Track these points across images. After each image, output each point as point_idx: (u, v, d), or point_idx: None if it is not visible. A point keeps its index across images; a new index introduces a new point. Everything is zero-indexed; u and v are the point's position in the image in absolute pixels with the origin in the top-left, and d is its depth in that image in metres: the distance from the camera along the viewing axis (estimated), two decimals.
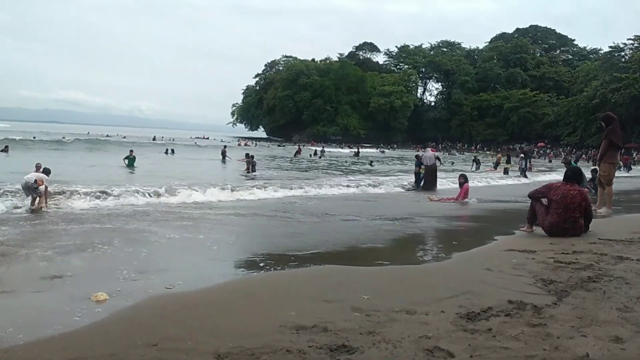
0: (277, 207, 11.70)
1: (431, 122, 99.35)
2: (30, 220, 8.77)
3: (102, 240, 7.36)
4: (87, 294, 4.50)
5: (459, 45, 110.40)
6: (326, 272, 5.61)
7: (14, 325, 3.77)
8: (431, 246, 8.10)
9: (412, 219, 11.39)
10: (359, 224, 9.46)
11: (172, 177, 18.46)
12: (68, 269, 5.74)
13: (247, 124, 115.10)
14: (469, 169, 30.33)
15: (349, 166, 32.50)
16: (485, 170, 32.04)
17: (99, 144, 45.70)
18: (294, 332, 3.49)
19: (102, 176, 17.63)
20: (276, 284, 5.05)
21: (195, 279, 5.28)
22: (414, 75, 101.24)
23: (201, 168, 25.51)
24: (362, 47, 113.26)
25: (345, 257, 6.69)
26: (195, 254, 6.84)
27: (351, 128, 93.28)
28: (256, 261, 6.26)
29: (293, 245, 7.23)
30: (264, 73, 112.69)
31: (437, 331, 3.48)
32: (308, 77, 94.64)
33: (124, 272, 5.41)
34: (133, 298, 4.47)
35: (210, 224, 9.66)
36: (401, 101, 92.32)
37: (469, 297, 4.36)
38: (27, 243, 7.03)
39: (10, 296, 4.60)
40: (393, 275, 5.51)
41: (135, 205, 10.95)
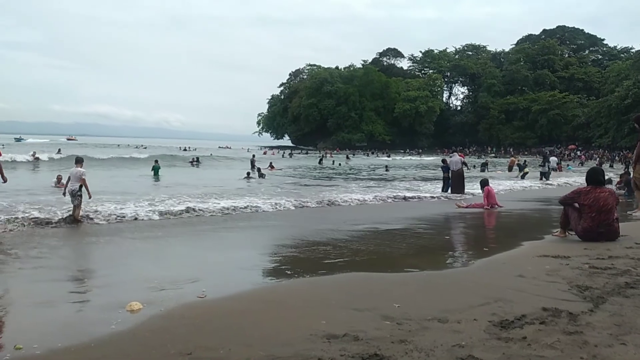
0: (301, 215, 11.74)
1: (458, 126, 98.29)
2: (66, 230, 9.01)
3: (133, 250, 7.53)
4: (122, 303, 4.59)
5: (484, 48, 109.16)
6: (355, 280, 5.60)
7: (51, 333, 3.88)
8: (459, 252, 8.00)
9: (439, 224, 11.28)
10: (383, 231, 9.41)
11: (195, 186, 18.73)
12: (102, 279, 5.88)
13: (272, 133, 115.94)
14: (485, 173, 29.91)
15: (370, 172, 32.40)
16: (497, 172, 31.53)
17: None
18: (325, 340, 3.49)
19: (132, 187, 17.99)
20: (305, 292, 5.06)
21: (225, 287, 5.33)
22: (439, 79, 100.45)
23: (224, 177, 25.73)
24: (386, 53, 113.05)
25: (372, 263, 6.66)
26: (224, 263, 6.92)
27: (376, 134, 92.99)
28: (284, 269, 6.29)
29: (320, 252, 7.24)
30: (288, 82, 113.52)
31: (470, 339, 3.43)
32: (332, 84, 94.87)
33: (156, 282, 5.50)
34: (166, 307, 4.54)
35: (237, 232, 9.76)
36: (426, 106, 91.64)
37: (501, 304, 4.29)
38: (62, 253, 7.23)
39: (46, 306, 4.74)
40: (423, 282, 5.46)
41: (164, 215, 11.12)
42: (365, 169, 35.22)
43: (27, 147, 51.47)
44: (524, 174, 28.21)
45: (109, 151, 50.76)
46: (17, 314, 4.56)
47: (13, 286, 5.50)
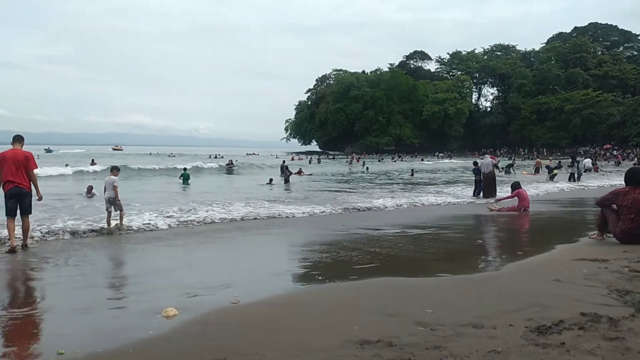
0: (329, 220, 11.75)
1: (488, 128, 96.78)
2: (102, 239, 9.25)
3: (167, 257, 7.68)
4: (157, 309, 4.69)
5: (514, 48, 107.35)
6: (386, 285, 5.57)
7: (90, 339, 3.99)
8: (492, 256, 7.87)
9: (470, 228, 11.13)
10: (413, 235, 9.33)
11: (224, 192, 18.97)
12: (138, 286, 6.01)
13: (300, 139, 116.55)
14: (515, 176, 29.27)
15: (396, 177, 32.12)
16: (523, 174, 30.81)
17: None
18: (358, 346, 3.49)
19: (164, 195, 18.34)
20: (337, 297, 5.06)
21: (258, 292, 5.38)
22: (467, 81, 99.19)
23: (251, 183, 25.90)
24: (413, 55, 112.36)
25: (403, 268, 6.61)
26: (255, 268, 6.97)
27: (404, 138, 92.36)
28: (314, 274, 6.31)
29: (350, 257, 7.24)
30: (315, 88, 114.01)
31: (507, 346, 3.38)
32: (359, 89, 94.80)
33: (190, 288, 5.59)
34: (200, 313, 4.61)
35: (266, 237, 9.84)
36: (455, 108, 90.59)
37: (538, 309, 4.20)
38: (98, 262, 7.43)
39: (85, 312, 4.87)
40: (456, 287, 5.40)
41: (196, 223, 11.29)
42: (392, 174, 34.97)
43: (59, 158, 53.07)
44: (553, 175, 27.48)
45: (151, 160, 51.98)
46: (58, 320, 4.70)
47: (53, 294, 5.68)
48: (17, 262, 7.33)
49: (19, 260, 7.46)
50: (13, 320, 4.65)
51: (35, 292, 5.93)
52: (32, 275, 6.65)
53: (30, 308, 5.04)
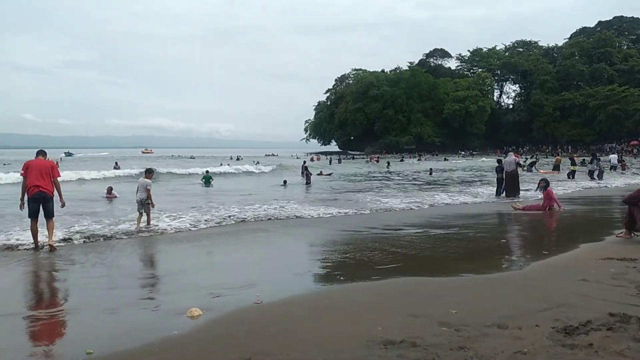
0: (349, 221, 11.73)
1: (510, 125, 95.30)
2: (127, 241, 9.40)
3: (191, 258, 7.77)
4: (182, 310, 4.75)
5: (536, 44, 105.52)
6: (409, 285, 5.54)
7: (117, 338, 4.06)
8: (516, 255, 7.75)
9: (494, 227, 11.00)
10: (435, 235, 9.26)
11: (245, 194, 19.09)
12: (163, 286, 6.10)
13: (319, 139, 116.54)
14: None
15: (417, 177, 31.83)
16: (540, 172, 30.20)
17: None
18: (382, 347, 3.48)
19: (188, 197, 18.55)
20: (360, 298, 5.06)
21: (280, 293, 5.41)
22: (488, 78, 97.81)
23: (270, 184, 25.98)
24: (433, 53, 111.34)
25: (425, 268, 6.57)
26: (277, 268, 7.02)
27: (425, 136, 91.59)
28: (336, 274, 6.31)
29: (371, 257, 7.22)
30: (334, 88, 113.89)
31: (533, 346, 3.34)
32: (378, 88, 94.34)
33: (214, 288, 5.65)
34: (224, 313, 4.66)
35: (287, 238, 9.88)
36: (477, 105, 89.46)
37: (564, 309, 4.14)
38: (124, 263, 7.55)
39: (112, 312, 4.96)
40: (479, 287, 5.34)
41: (217, 224, 11.40)
42: (412, 174, 34.68)
43: (80, 162, 53.81)
44: (571, 172, 26.92)
45: (173, 162, 52.63)
46: (85, 320, 4.80)
47: (81, 294, 5.79)
48: (45, 264, 7.51)
49: (46, 261, 7.64)
50: (43, 320, 4.77)
51: (63, 292, 6.06)
52: (59, 276, 6.79)
53: (59, 308, 5.16)
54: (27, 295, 5.92)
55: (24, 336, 4.43)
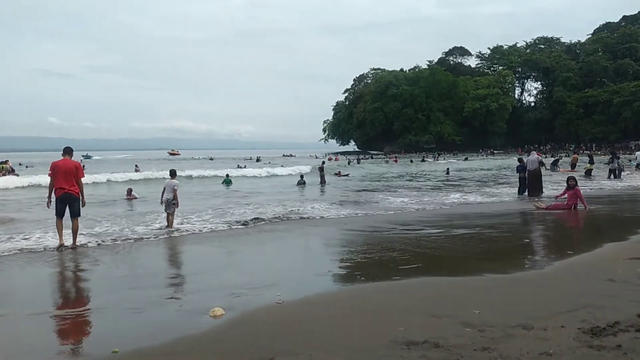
0: (367, 221, 11.69)
1: (532, 123, 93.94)
2: (151, 242, 9.53)
3: (213, 258, 7.84)
4: (205, 309, 4.80)
5: (558, 40, 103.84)
6: (430, 285, 5.51)
7: (142, 337, 4.12)
8: (540, 255, 7.62)
9: (516, 227, 10.85)
10: (456, 235, 9.17)
11: (265, 195, 19.17)
12: (186, 286, 6.17)
13: (338, 139, 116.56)
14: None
15: (435, 177, 31.50)
16: (560, 171, 29.58)
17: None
18: (404, 347, 3.46)
19: (211, 199, 18.71)
20: (381, 298, 5.04)
21: (302, 293, 5.42)
22: (509, 76, 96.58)
23: (289, 184, 26.01)
24: (452, 52, 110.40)
25: (447, 269, 6.52)
26: (298, 268, 7.03)
27: (445, 135, 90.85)
28: (357, 274, 6.30)
29: (392, 257, 7.19)
30: (352, 88, 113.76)
31: (559, 347, 3.28)
32: (397, 87, 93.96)
33: (236, 288, 5.69)
34: (247, 313, 4.69)
35: (306, 238, 9.90)
36: (497, 104, 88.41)
37: (591, 310, 4.06)
38: (148, 263, 7.66)
39: (137, 311, 5.03)
40: (503, 287, 5.28)
41: (238, 224, 11.47)
42: (431, 174, 34.38)
43: (101, 164, 54.57)
44: (588, 170, 26.30)
45: (195, 164, 53.15)
46: (110, 319, 4.87)
47: (105, 293, 5.88)
48: (70, 264, 7.66)
49: (71, 261, 7.79)
50: (69, 319, 4.87)
51: (88, 292, 6.16)
52: (84, 276, 6.92)
53: (85, 307, 5.25)
54: (54, 295, 6.05)
55: (52, 335, 4.53)
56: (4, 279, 6.80)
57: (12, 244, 8.95)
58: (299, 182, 24.09)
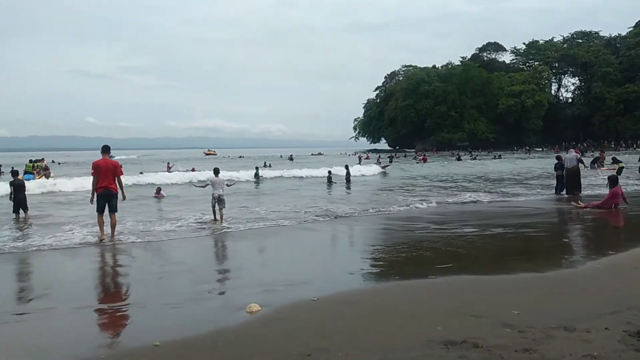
0: (398, 219, 11.60)
1: (569, 120, 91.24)
2: (188, 239, 9.72)
3: (248, 255, 7.94)
4: (242, 305, 4.86)
5: (597, 34, 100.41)
6: (468, 285, 5.43)
7: (181, 332, 4.20)
8: (580, 255, 7.40)
9: (554, 226, 10.59)
10: (492, 234, 9.01)
11: (297, 192, 19.26)
12: (223, 282, 6.27)
13: (369, 137, 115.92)
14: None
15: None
16: (600, 169, 28.49)
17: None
18: (443, 347, 3.43)
19: (247, 196, 18.93)
20: (418, 297, 5.01)
21: (336, 291, 5.43)
22: (546, 71, 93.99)
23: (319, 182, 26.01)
24: (486, 48, 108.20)
25: (483, 268, 6.41)
26: (332, 266, 7.04)
27: (478, 132, 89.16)
28: (392, 273, 6.26)
29: (426, 256, 7.12)
30: (384, 85, 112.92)
31: (603, 350, 3.19)
32: (429, 84, 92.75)
33: (271, 284, 5.75)
34: (282, 310, 4.74)
35: (343, 236, 9.90)
36: (533, 100, 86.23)
37: (637, 312, 3.94)
38: (187, 260, 7.80)
39: (176, 306, 5.13)
40: (542, 287, 5.16)
41: (271, 222, 11.58)
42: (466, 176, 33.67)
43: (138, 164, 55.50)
44: (620, 168, 25.32)
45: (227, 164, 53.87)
46: (150, 313, 4.99)
47: (145, 289, 6.03)
48: (110, 259, 7.89)
49: (111, 256, 8.03)
50: (111, 313, 5.02)
51: (128, 287, 6.32)
52: (124, 271, 7.11)
53: (125, 302, 5.40)
54: (95, 289, 6.23)
55: (95, 328, 4.68)
56: (48, 272, 7.06)
57: (53, 240, 9.32)
58: (328, 180, 24.16)
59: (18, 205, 12.61)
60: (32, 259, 8.05)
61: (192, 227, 10.66)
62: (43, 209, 14.15)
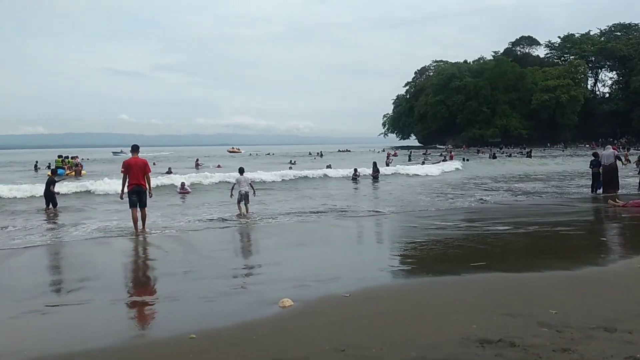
0: (426, 217, 11.48)
1: (606, 115, 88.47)
2: (220, 232, 9.88)
3: (279, 250, 8.00)
4: (275, 300, 4.91)
5: (637, 26, 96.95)
6: (502, 283, 5.34)
7: (216, 326, 4.27)
8: (618, 254, 7.16)
9: (590, 225, 10.32)
10: (525, 233, 8.83)
11: (324, 188, 19.28)
12: (255, 277, 6.34)
13: (398, 133, 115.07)
14: None
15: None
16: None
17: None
18: (478, 345, 3.39)
19: (275, 192, 19.08)
20: (451, 294, 4.95)
21: (368, 286, 5.42)
22: (582, 65, 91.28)
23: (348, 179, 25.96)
24: (520, 41, 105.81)
25: (518, 266, 6.29)
26: (362, 262, 7.02)
27: (511, 128, 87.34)
28: (424, 270, 6.21)
29: (458, 254, 7.04)
30: (413, 81, 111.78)
31: None
32: (460, 79, 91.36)
33: (303, 280, 5.78)
34: (314, 304, 4.76)
35: (373, 232, 9.88)
36: (568, 95, 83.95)
37: None
38: (217, 255, 7.92)
39: (209, 300, 5.21)
40: (579, 287, 5.04)
41: (299, 217, 11.65)
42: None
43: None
44: None
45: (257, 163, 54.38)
46: (186, 307, 5.08)
47: (178, 283, 6.14)
48: (142, 255, 8.09)
49: (143, 250, 8.23)
50: (147, 306, 5.15)
51: (162, 280, 6.44)
52: (157, 265, 7.25)
53: (160, 295, 5.52)
54: (131, 283, 6.40)
55: (133, 320, 4.80)
56: (85, 264, 7.26)
57: (86, 233, 9.74)
58: (353, 177, 24.18)
59: (47, 200, 13.60)
60: (67, 251, 8.35)
61: (219, 222, 10.99)
62: (74, 205, 14.61)
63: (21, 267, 7.22)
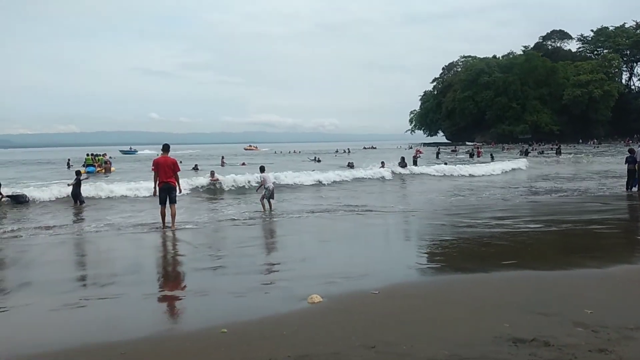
0: (455, 213, 11.33)
1: None
2: (246, 228, 9.99)
3: (307, 245, 8.03)
4: (304, 296, 4.94)
5: None
6: (535, 281, 5.25)
7: (246, 321, 4.32)
8: None
9: (625, 223, 10.03)
10: (557, 230, 8.64)
11: (345, 185, 19.23)
12: (284, 273, 6.38)
13: (425, 130, 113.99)
14: None
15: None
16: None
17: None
18: (511, 344, 3.35)
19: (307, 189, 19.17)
20: (483, 293, 4.89)
21: (397, 283, 5.40)
22: (616, 59, 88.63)
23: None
24: (550, 36, 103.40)
25: (551, 264, 6.15)
26: (390, 260, 6.99)
27: (542, 125, 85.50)
28: (455, 267, 6.16)
29: (488, 251, 6.94)
30: (441, 77, 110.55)
31: None
32: (489, 75, 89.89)
33: (331, 277, 5.79)
34: (343, 301, 4.77)
35: (402, 230, 9.82)
36: (602, 90, 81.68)
37: None
38: (245, 251, 8.01)
39: (239, 295, 5.27)
40: (615, 286, 4.92)
41: (327, 214, 11.67)
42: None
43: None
44: None
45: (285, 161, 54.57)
46: (217, 302, 5.17)
47: (208, 278, 6.24)
48: (171, 250, 8.22)
49: (172, 246, 8.37)
50: (178, 300, 5.24)
51: (192, 275, 6.52)
52: (187, 260, 7.34)
53: (190, 290, 5.61)
54: (162, 278, 6.51)
55: (165, 315, 4.89)
56: (117, 259, 7.43)
57: (115, 229, 9.99)
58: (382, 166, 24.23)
59: (75, 198, 14.22)
60: (98, 246, 8.57)
61: (246, 218, 11.11)
62: (102, 203, 14.96)
63: (55, 262, 7.44)
